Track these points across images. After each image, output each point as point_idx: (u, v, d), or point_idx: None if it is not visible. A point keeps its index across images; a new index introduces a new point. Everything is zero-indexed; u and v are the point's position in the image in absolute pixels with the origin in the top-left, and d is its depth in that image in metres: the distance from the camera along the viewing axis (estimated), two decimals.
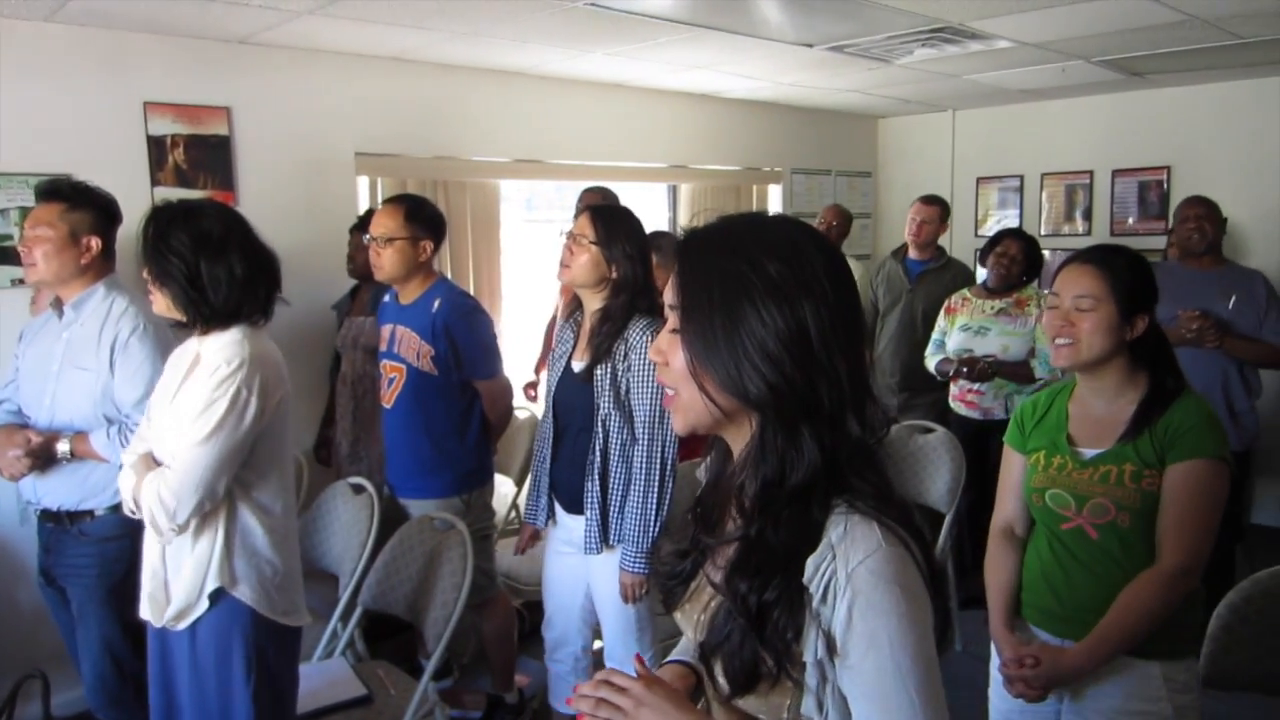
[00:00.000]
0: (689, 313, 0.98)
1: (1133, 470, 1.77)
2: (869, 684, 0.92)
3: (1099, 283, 1.80)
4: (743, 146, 5.48)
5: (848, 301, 0.98)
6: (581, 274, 2.43)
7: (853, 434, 0.97)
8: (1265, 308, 3.49)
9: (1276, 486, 5.11)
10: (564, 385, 2.57)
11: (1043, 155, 5.75)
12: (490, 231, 4.38)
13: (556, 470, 2.59)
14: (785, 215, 1.07)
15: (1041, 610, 1.91)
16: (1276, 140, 4.92)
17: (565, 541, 2.60)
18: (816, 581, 0.93)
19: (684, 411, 1.02)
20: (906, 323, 4.34)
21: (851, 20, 3.43)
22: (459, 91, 4.14)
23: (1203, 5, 3.29)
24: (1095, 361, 1.82)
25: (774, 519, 0.96)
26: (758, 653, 0.95)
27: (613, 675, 1.03)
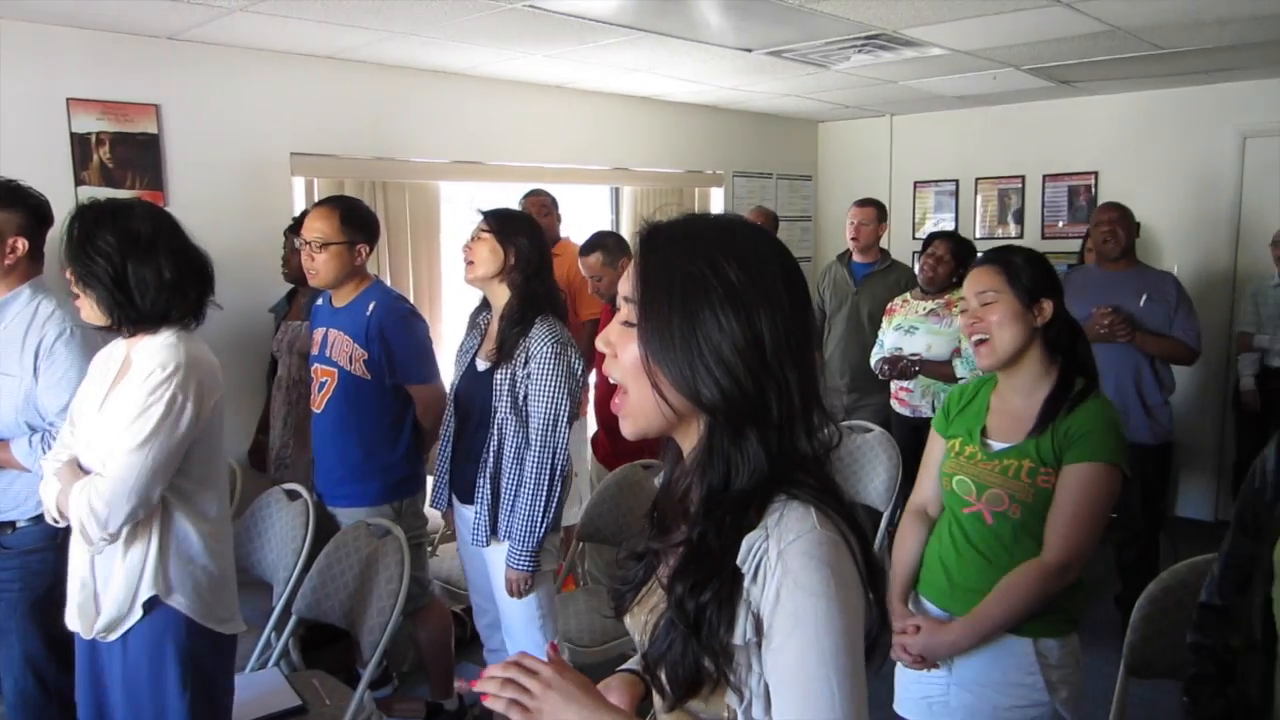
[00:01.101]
0: (647, 309, 0.97)
1: (1030, 467, 1.86)
2: (790, 666, 0.90)
3: (997, 277, 1.92)
4: (685, 149, 5.51)
5: (802, 311, 0.99)
6: (483, 265, 2.51)
7: (800, 444, 0.97)
8: (1175, 306, 3.67)
9: (1199, 480, 5.30)
10: (467, 380, 2.63)
11: (977, 160, 5.89)
12: (430, 234, 4.33)
13: (454, 462, 2.67)
14: (746, 220, 1.07)
15: (934, 586, 2.01)
16: (1195, 147, 5.11)
17: (467, 529, 2.66)
18: (749, 561, 0.92)
19: (634, 415, 1.01)
20: (853, 325, 4.41)
21: (789, 26, 3.47)
22: (398, 92, 4.09)
23: (1124, 17, 3.40)
24: (1011, 355, 1.91)
25: (717, 524, 0.96)
26: (699, 657, 0.94)
27: (523, 659, 1.01)
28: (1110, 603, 4.03)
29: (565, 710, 0.97)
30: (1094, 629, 3.98)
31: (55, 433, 2.30)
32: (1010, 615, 1.85)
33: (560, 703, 0.97)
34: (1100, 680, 2.26)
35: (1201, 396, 5.24)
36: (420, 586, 3.00)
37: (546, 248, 2.59)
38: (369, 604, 2.48)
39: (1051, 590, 1.85)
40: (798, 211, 6.33)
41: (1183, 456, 5.26)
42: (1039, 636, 1.88)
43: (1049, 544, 1.85)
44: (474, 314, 2.75)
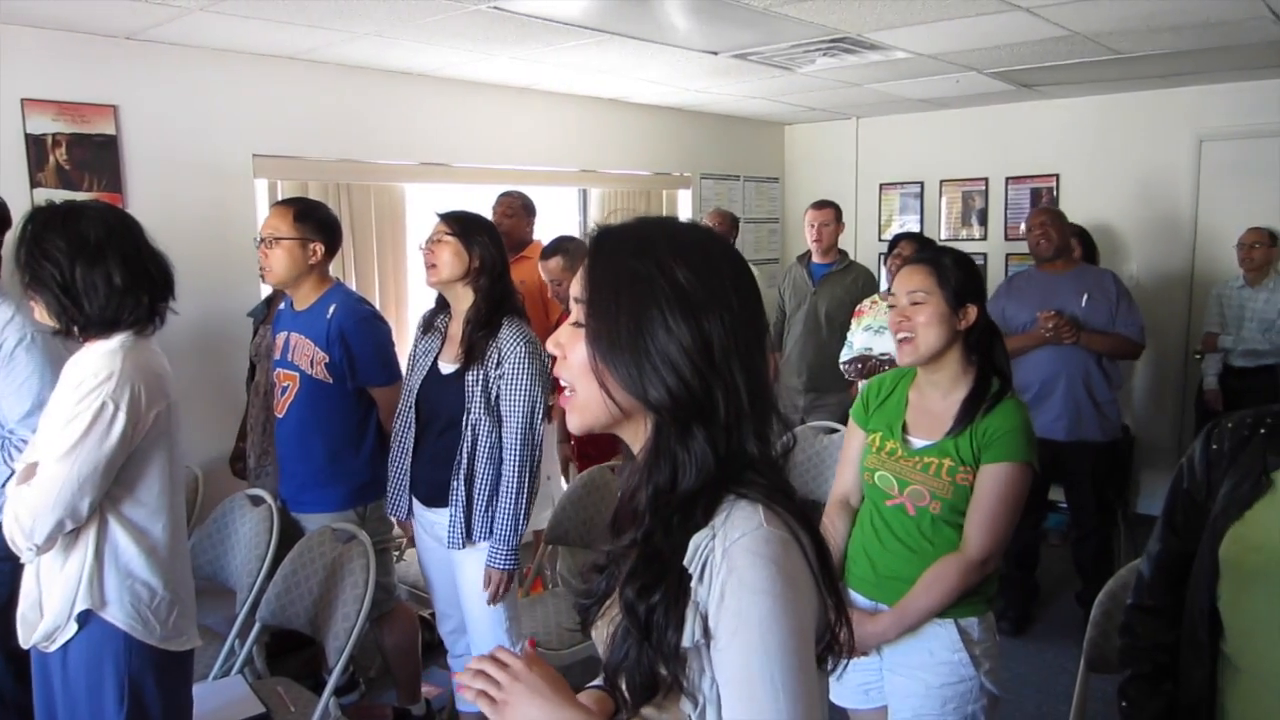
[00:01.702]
0: (595, 310, 0.97)
1: (950, 466, 1.94)
2: (735, 666, 0.88)
3: (928, 278, 1.98)
4: (652, 151, 5.52)
5: (752, 313, 0.99)
6: (446, 268, 2.49)
7: (748, 444, 0.97)
8: (1116, 302, 3.78)
9: (1159, 478, 5.39)
10: (430, 385, 2.60)
11: (942, 162, 5.96)
12: (396, 236, 4.30)
13: (416, 466, 2.63)
14: (698, 222, 1.08)
15: (860, 577, 2.08)
16: (1153, 151, 5.21)
17: (432, 536, 2.65)
18: (696, 560, 0.92)
19: (581, 410, 1.01)
20: (811, 325, 4.45)
21: (755, 29, 3.49)
22: (362, 93, 4.06)
23: (1082, 22, 3.46)
24: (933, 354, 1.98)
25: (664, 523, 0.96)
26: (653, 662, 0.94)
27: (499, 652, 1.02)
28: (1071, 600, 4.10)
29: (530, 703, 0.98)
30: (1056, 626, 4.09)
31: (18, 441, 2.26)
32: (934, 606, 1.95)
33: (526, 695, 0.98)
34: (1063, 676, 2.30)
35: (1161, 395, 5.34)
36: (385, 591, 2.99)
37: (505, 250, 2.59)
38: (334, 610, 2.46)
39: (972, 582, 1.94)
40: (765, 213, 6.37)
41: (1143, 454, 5.37)
42: (960, 617, 1.98)
43: (970, 539, 1.94)
44: (429, 316, 2.71)
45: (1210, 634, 1.55)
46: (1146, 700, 1.66)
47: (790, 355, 4.56)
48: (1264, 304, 4.67)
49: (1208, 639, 1.55)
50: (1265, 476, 1.49)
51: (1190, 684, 1.58)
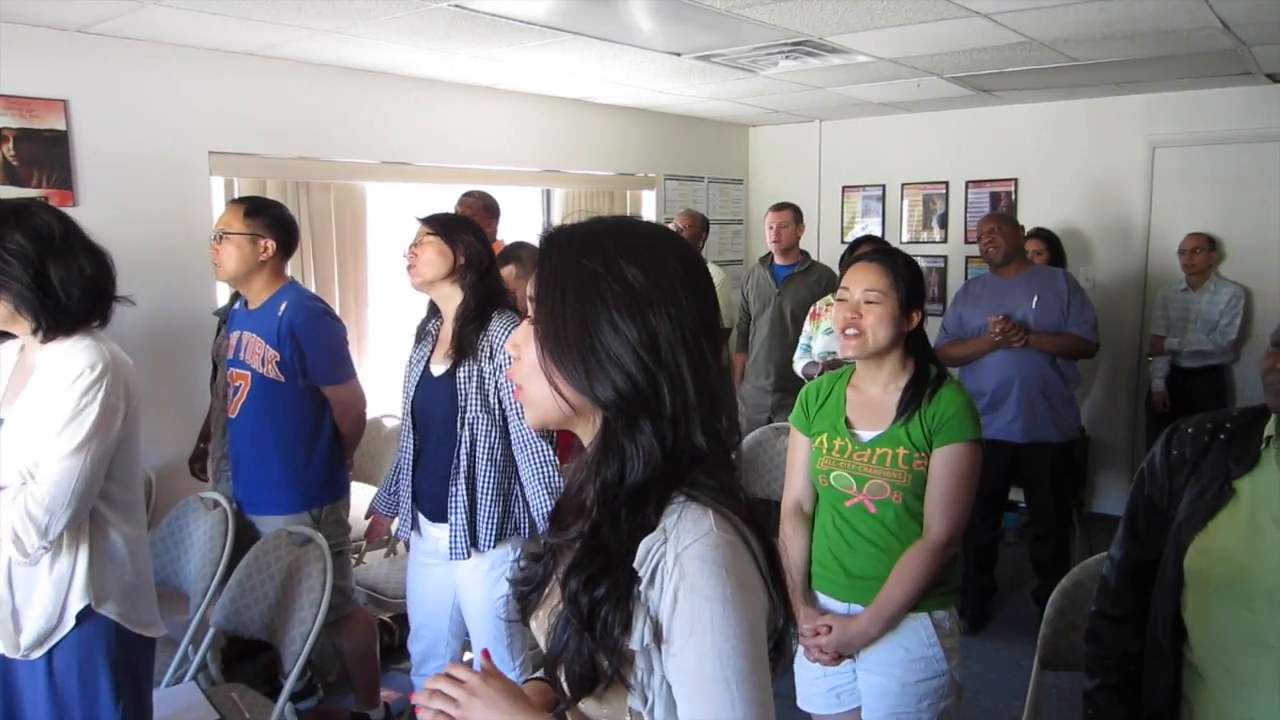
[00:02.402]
0: (543, 308, 0.99)
1: (905, 453, 1.97)
2: (689, 671, 0.90)
3: (885, 279, 2.02)
4: (617, 152, 5.51)
5: (703, 311, 1.00)
6: (430, 268, 2.46)
7: (695, 438, 0.98)
8: (1068, 301, 3.84)
9: (1113, 477, 5.50)
10: (423, 391, 2.55)
11: (903, 166, 6.02)
12: (356, 236, 4.25)
13: (419, 480, 2.56)
14: (651, 220, 1.08)
15: (830, 580, 2.09)
16: (1108, 156, 5.31)
17: (429, 553, 2.57)
18: (646, 565, 0.93)
19: (533, 406, 1.03)
20: (776, 325, 4.48)
21: (717, 31, 3.50)
22: (322, 90, 4.01)
23: (1040, 29, 3.51)
24: (878, 351, 2.02)
25: (612, 518, 0.97)
26: (594, 654, 0.95)
27: (454, 669, 1.03)
28: (1028, 598, 4.15)
29: (488, 715, 0.99)
30: (1012, 624, 4.14)
31: None
32: (910, 596, 1.97)
33: (483, 708, 0.99)
34: (1018, 673, 2.33)
35: (1114, 396, 5.44)
36: (343, 595, 2.95)
37: (490, 246, 2.57)
38: (290, 614, 2.42)
39: (941, 564, 1.98)
40: (729, 214, 6.39)
41: (1098, 455, 5.47)
42: (933, 610, 2.01)
43: (932, 523, 1.98)
44: (421, 324, 2.68)
45: (1174, 642, 1.56)
46: (1113, 710, 1.68)
47: (757, 356, 4.58)
48: (1206, 306, 4.79)
49: (1171, 647, 1.56)
50: (1228, 485, 1.50)
51: (1154, 691, 1.59)
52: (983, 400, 3.89)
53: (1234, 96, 4.91)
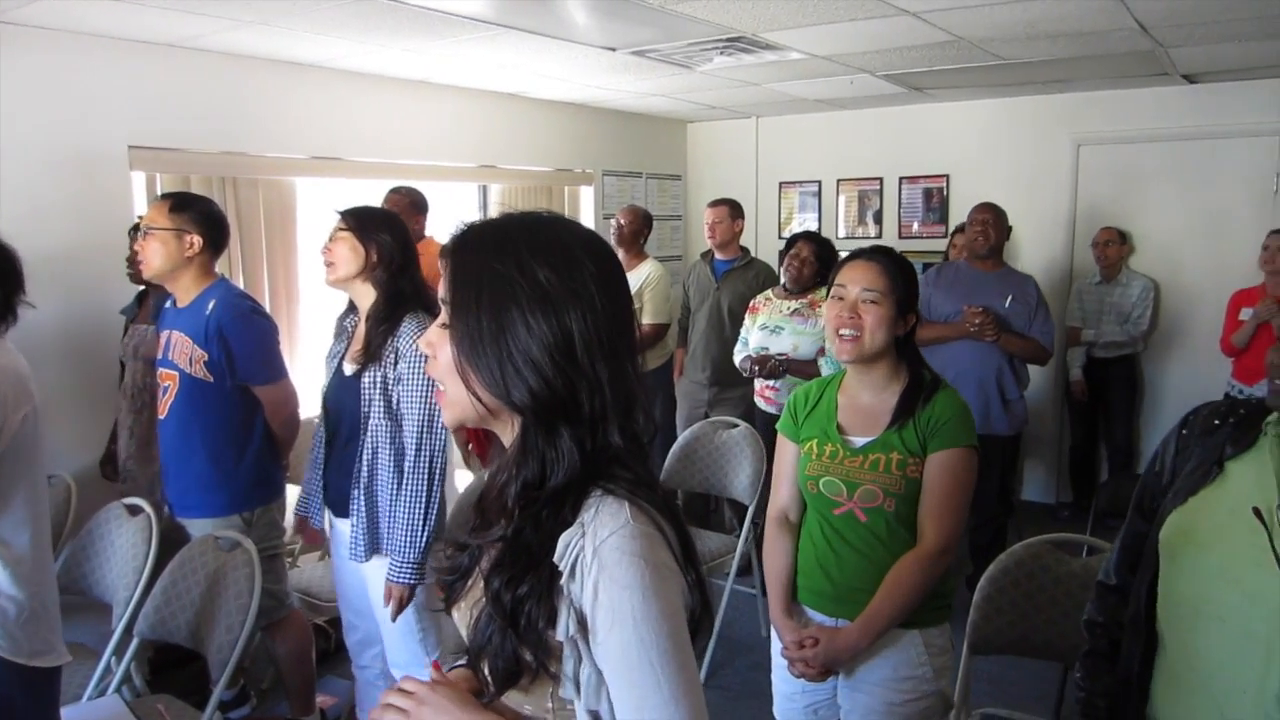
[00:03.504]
0: (456, 311, 0.98)
1: (899, 459, 1.89)
2: (615, 659, 0.93)
3: (885, 279, 1.93)
4: (554, 147, 5.48)
5: (616, 309, 1.00)
6: (343, 265, 2.42)
7: (614, 439, 0.99)
8: (1035, 308, 3.92)
9: (1041, 467, 5.65)
10: (335, 387, 2.53)
11: (838, 162, 6.10)
12: (286, 232, 4.16)
13: (328, 475, 2.56)
14: (562, 217, 1.07)
15: (815, 592, 2.00)
16: (1035, 153, 5.45)
17: (342, 544, 2.57)
18: (566, 559, 0.94)
19: (450, 406, 1.03)
20: (714, 320, 4.50)
21: (652, 26, 3.50)
22: (248, 83, 3.90)
23: (967, 27, 3.59)
24: (875, 355, 1.93)
25: (534, 519, 0.97)
26: (517, 649, 0.96)
27: (405, 682, 1.04)
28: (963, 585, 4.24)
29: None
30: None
31: None
32: (902, 608, 1.88)
33: (433, 715, 1.00)
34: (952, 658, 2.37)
35: (1041, 389, 5.58)
36: (276, 599, 2.89)
37: (411, 244, 2.51)
38: (217, 621, 2.36)
39: (935, 575, 1.89)
40: (668, 210, 6.41)
41: (1027, 445, 5.61)
42: (925, 627, 1.93)
43: (926, 531, 1.89)
44: (340, 318, 2.65)
45: (1149, 612, 1.60)
46: (1098, 675, 1.72)
47: (695, 351, 4.60)
48: (1119, 298, 4.96)
49: (1146, 616, 1.60)
50: (1218, 465, 1.53)
51: (1128, 658, 1.63)
52: None
53: (1153, 96, 5.08)
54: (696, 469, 3.73)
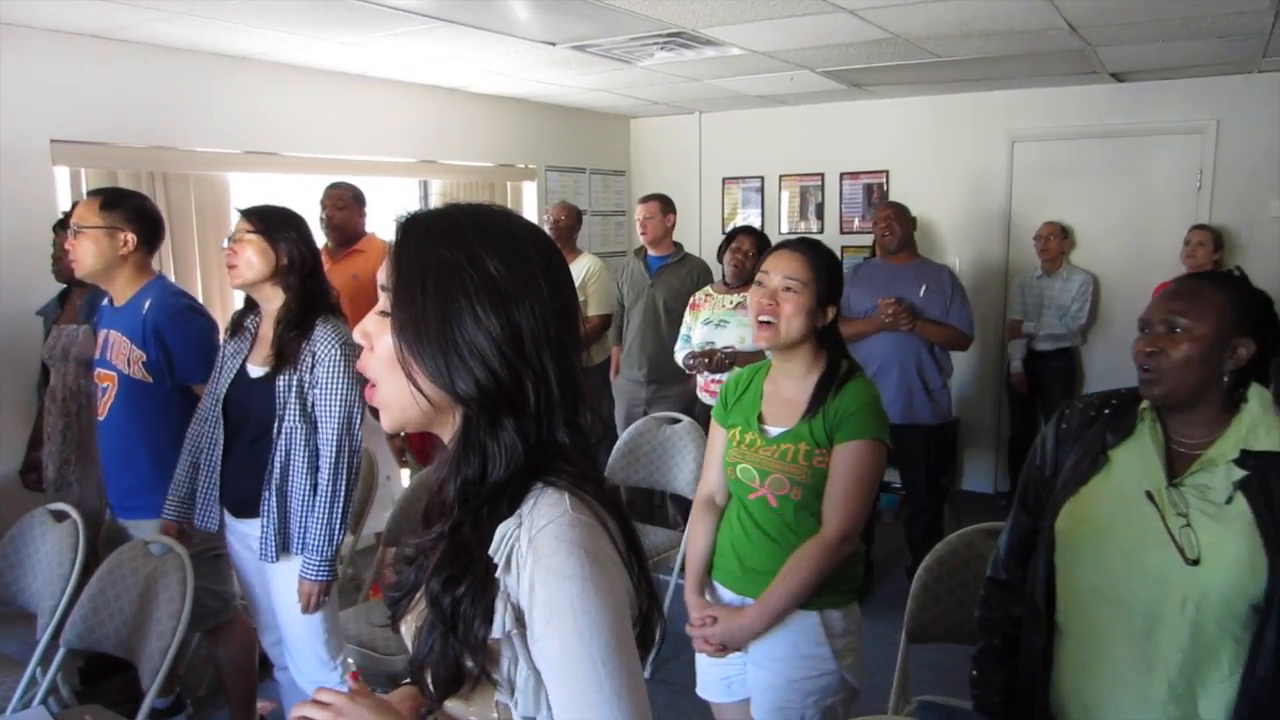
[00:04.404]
0: (401, 299, 0.95)
1: (806, 449, 1.95)
2: (554, 654, 0.89)
3: (806, 269, 1.97)
4: (496, 143, 5.43)
5: (563, 303, 0.98)
6: (250, 269, 2.36)
7: (559, 434, 0.97)
8: (950, 296, 4.02)
9: (980, 456, 5.77)
10: (238, 389, 2.47)
11: (781, 158, 6.15)
12: (219, 229, 4.04)
13: (225, 475, 2.50)
14: (508, 210, 1.05)
15: (727, 572, 2.08)
16: (971, 150, 5.55)
17: (247, 547, 2.52)
18: (501, 550, 0.91)
19: (388, 405, 0.99)
20: (650, 317, 4.50)
21: (591, 21, 3.48)
22: (179, 76, 3.80)
23: (901, 25, 3.64)
24: (790, 343, 1.98)
25: (473, 515, 0.95)
26: (459, 654, 0.93)
27: (321, 693, 1.00)
28: (903, 574, 4.32)
29: None
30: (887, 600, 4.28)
31: None
32: (798, 593, 1.93)
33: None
34: (893, 646, 2.40)
35: (981, 379, 5.71)
36: (221, 601, 2.85)
37: (315, 245, 2.48)
38: (148, 628, 2.30)
39: (833, 563, 1.94)
40: (611, 206, 6.39)
41: (966, 435, 5.73)
42: (824, 609, 1.98)
43: (827, 519, 1.95)
44: (237, 317, 2.58)
45: (1047, 603, 1.64)
46: (994, 671, 1.76)
47: (630, 348, 4.59)
48: (1059, 292, 5.09)
49: (1045, 608, 1.64)
50: (1103, 454, 1.59)
51: (1029, 650, 1.68)
52: None
53: (1084, 94, 5.21)
54: (640, 465, 3.73)
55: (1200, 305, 1.49)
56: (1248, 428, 1.48)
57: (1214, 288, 1.52)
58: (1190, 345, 1.47)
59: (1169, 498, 1.50)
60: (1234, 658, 1.45)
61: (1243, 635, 1.45)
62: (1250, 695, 1.43)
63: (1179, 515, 1.48)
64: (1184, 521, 1.47)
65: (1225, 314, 1.48)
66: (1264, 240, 4.84)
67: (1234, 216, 4.91)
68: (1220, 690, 1.47)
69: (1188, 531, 1.47)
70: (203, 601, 2.73)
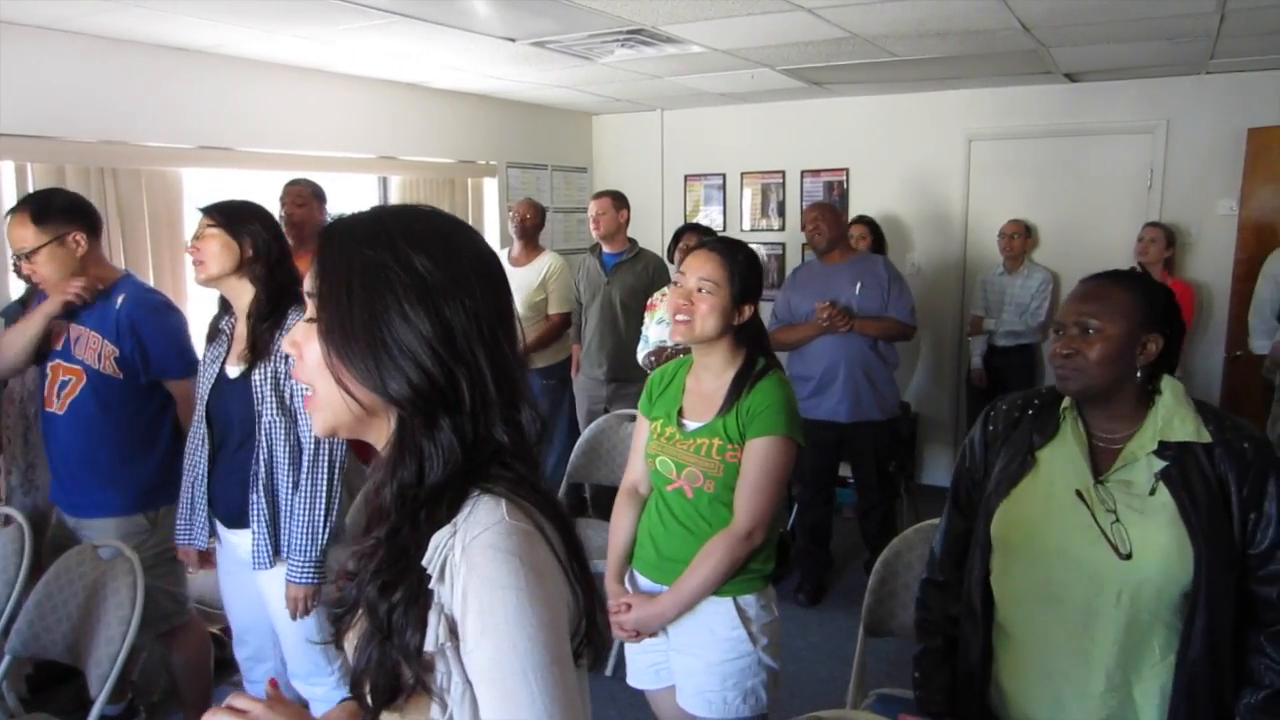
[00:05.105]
0: (327, 303, 0.93)
1: (719, 445, 2.02)
2: (486, 666, 0.87)
3: (721, 270, 2.03)
4: (456, 139, 5.39)
5: (497, 299, 0.97)
6: (215, 263, 2.32)
7: (496, 432, 0.95)
8: (887, 287, 4.06)
9: (938, 451, 5.84)
10: (219, 394, 2.43)
11: (742, 155, 6.17)
12: (173, 226, 3.97)
13: (214, 486, 2.45)
14: (438, 209, 1.04)
15: (644, 560, 2.16)
16: (930, 148, 5.61)
17: (233, 560, 2.46)
18: (435, 560, 0.89)
19: (322, 410, 0.97)
20: (607, 315, 4.49)
21: (550, 17, 3.47)
22: (129, 69, 3.71)
23: (860, 24, 3.66)
24: (706, 340, 2.05)
25: (411, 519, 0.93)
26: (395, 664, 0.91)
27: (236, 699, 0.96)
28: (861, 569, 4.36)
29: None
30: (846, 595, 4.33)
31: None
32: (707, 582, 2.01)
33: None
34: (852, 641, 2.42)
35: (939, 375, 5.78)
36: (177, 603, 2.82)
37: (283, 235, 2.45)
38: (96, 634, 2.25)
39: (741, 554, 2.01)
40: (573, 203, 6.37)
41: (924, 429, 5.80)
42: (737, 595, 2.05)
43: (736, 512, 2.02)
44: (214, 322, 2.54)
45: (985, 605, 1.68)
46: (935, 672, 1.79)
47: (589, 346, 4.57)
48: (1020, 289, 5.16)
49: (983, 609, 1.67)
50: (1030, 455, 1.63)
51: (969, 652, 1.71)
52: (811, 384, 4.05)
53: (1038, 94, 5.28)
54: (602, 462, 3.73)
55: (1110, 306, 1.54)
56: (1163, 419, 1.54)
57: (1121, 288, 1.57)
58: (1104, 345, 1.53)
59: (1097, 495, 1.55)
60: (1165, 643, 1.51)
61: (1173, 620, 1.50)
62: (1184, 678, 1.48)
63: (1109, 512, 1.53)
64: (1114, 518, 1.52)
65: (1134, 313, 1.54)
66: (1212, 237, 4.94)
67: (1183, 214, 5.01)
68: (1153, 675, 1.52)
69: (1119, 527, 1.51)
70: (159, 603, 2.70)
